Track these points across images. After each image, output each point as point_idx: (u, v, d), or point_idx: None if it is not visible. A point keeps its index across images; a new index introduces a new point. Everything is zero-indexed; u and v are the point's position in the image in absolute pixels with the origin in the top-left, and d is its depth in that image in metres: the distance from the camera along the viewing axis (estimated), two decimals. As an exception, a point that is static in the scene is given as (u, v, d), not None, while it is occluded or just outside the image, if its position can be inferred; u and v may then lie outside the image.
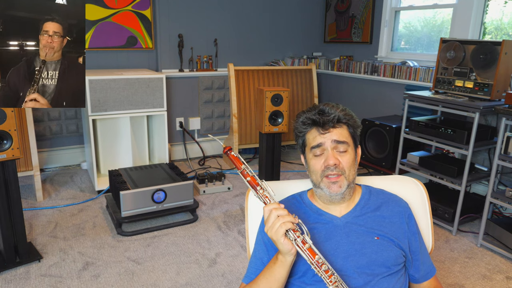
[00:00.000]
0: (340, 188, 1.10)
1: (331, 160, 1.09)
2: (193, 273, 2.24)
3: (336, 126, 1.11)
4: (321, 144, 1.10)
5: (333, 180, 1.09)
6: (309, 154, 1.14)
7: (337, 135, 1.10)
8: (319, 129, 1.11)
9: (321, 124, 1.11)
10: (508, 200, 2.40)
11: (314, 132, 1.12)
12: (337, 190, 1.10)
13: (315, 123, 1.12)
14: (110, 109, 3.10)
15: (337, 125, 1.11)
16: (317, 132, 1.11)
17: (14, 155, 2.11)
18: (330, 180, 1.10)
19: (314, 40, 4.69)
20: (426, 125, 2.85)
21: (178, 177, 2.85)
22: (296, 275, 1.10)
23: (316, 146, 1.11)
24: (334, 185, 1.10)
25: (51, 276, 2.17)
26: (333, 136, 1.10)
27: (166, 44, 3.89)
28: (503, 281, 2.22)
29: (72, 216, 2.86)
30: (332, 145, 1.10)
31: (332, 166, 1.09)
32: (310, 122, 1.13)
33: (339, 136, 1.10)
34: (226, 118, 4.33)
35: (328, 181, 1.10)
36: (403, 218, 1.15)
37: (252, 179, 1.02)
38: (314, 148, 1.12)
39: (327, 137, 1.10)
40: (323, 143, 1.10)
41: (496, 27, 3.13)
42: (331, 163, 1.09)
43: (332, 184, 1.10)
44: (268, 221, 0.98)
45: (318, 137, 1.11)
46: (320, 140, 1.11)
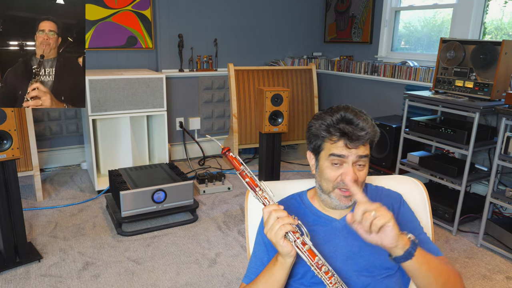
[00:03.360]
0: (350, 202, 1.08)
1: (350, 175, 1.03)
2: (193, 273, 2.24)
3: (365, 144, 1.05)
4: (344, 156, 1.03)
5: (347, 194, 1.06)
6: (325, 161, 1.06)
7: (363, 150, 1.04)
8: (346, 142, 1.03)
9: (352, 139, 1.02)
10: (508, 200, 2.40)
11: (341, 144, 1.04)
12: (347, 203, 1.08)
13: (344, 135, 1.03)
14: (110, 109, 3.10)
15: (366, 143, 1.05)
16: (343, 144, 1.03)
17: (14, 155, 2.11)
18: (343, 194, 1.07)
19: (314, 40, 4.69)
20: (426, 125, 2.85)
21: (178, 177, 2.85)
22: (295, 277, 1.10)
23: (337, 155, 1.04)
24: (345, 198, 1.08)
25: (51, 276, 2.17)
26: (359, 152, 1.04)
27: (166, 44, 3.89)
28: (503, 281, 2.22)
29: (72, 216, 2.86)
30: (354, 160, 1.04)
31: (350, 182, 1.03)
32: (339, 133, 1.03)
33: (364, 151, 1.05)
34: (226, 118, 4.33)
35: (340, 194, 1.07)
36: (395, 207, 1.15)
37: (251, 180, 1.01)
38: (333, 156, 1.04)
39: (353, 152, 1.03)
40: (347, 155, 1.03)
41: (496, 27, 3.13)
42: (350, 179, 1.02)
43: (344, 198, 1.07)
44: (268, 223, 0.97)
45: (343, 149, 1.03)
46: (345, 152, 1.03)
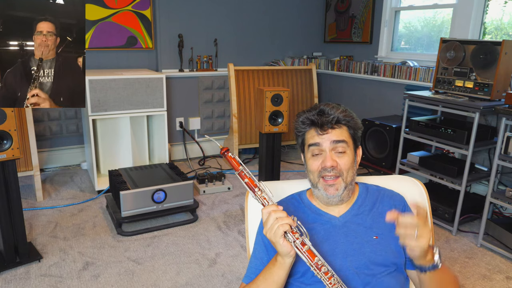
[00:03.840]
0: (337, 191, 1.10)
1: (328, 162, 1.08)
2: (193, 273, 2.24)
3: (335, 127, 1.10)
4: (318, 144, 1.10)
5: (330, 182, 1.09)
6: (307, 153, 1.13)
7: (336, 135, 1.10)
8: (317, 130, 1.10)
9: (319, 125, 1.10)
10: (508, 200, 2.40)
11: (313, 132, 1.12)
12: (334, 193, 1.10)
13: (313, 124, 1.11)
14: (110, 109, 3.10)
15: (336, 126, 1.10)
16: (315, 133, 1.11)
17: (14, 155, 2.11)
18: (326, 182, 1.10)
19: (314, 40, 4.69)
20: (426, 125, 2.85)
21: (178, 177, 2.85)
22: (295, 275, 1.10)
23: (313, 144, 1.11)
24: (331, 187, 1.10)
25: (51, 276, 2.17)
26: (332, 137, 1.09)
27: (166, 44, 3.89)
28: (503, 281, 2.22)
29: (72, 216, 2.86)
30: (330, 146, 1.09)
31: (329, 168, 1.08)
32: (309, 122, 1.12)
33: (338, 136, 1.10)
34: (226, 118, 4.33)
35: (324, 183, 1.10)
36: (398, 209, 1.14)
37: (250, 180, 1.02)
38: (311, 147, 1.11)
39: (325, 138, 1.09)
40: (321, 143, 1.10)
41: (496, 27, 3.13)
42: (328, 164, 1.08)
43: (328, 187, 1.10)
44: (267, 223, 0.97)
45: (316, 137, 1.11)
46: (318, 140, 1.10)
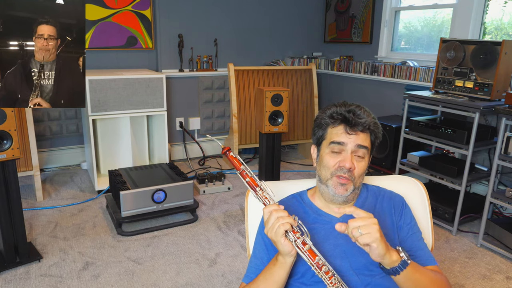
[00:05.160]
0: (346, 192, 1.09)
1: (348, 163, 1.07)
2: (193, 273, 2.24)
3: (364, 132, 1.09)
4: (343, 143, 1.08)
5: (343, 182, 1.09)
6: (326, 148, 1.11)
7: (362, 140, 1.09)
8: (347, 128, 1.09)
9: (351, 124, 1.08)
10: (508, 200, 2.40)
11: (341, 129, 1.09)
12: (343, 193, 1.09)
13: (345, 121, 1.09)
14: (110, 109, 3.10)
15: (366, 131, 1.10)
16: (343, 130, 1.09)
17: (14, 155, 2.11)
18: (339, 181, 1.09)
19: (314, 40, 4.69)
20: (426, 125, 2.85)
21: (178, 177, 2.85)
22: (295, 276, 1.10)
23: (337, 142, 1.09)
24: (341, 187, 1.09)
25: (51, 276, 2.17)
26: (358, 140, 1.08)
27: (166, 44, 3.89)
28: (503, 281, 2.22)
29: (72, 216, 2.86)
30: (353, 149, 1.08)
31: (346, 169, 1.08)
32: (340, 118, 1.09)
33: (363, 141, 1.09)
34: (226, 118, 4.33)
35: (337, 181, 1.09)
36: (397, 209, 1.15)
37: (252, 180, 1.02)
38: (333, 144, 1.09)
39: (352, 138, 1.08)
40: (346, 143, 1.08)
41: (496, 27, 3.13)
42: (347, 165, 1.07)
43: (339, 186, 1.09)
44: (268, 222, 0.98)
45: (343, 135, 1.09)
46: (344, 139, 1.08)
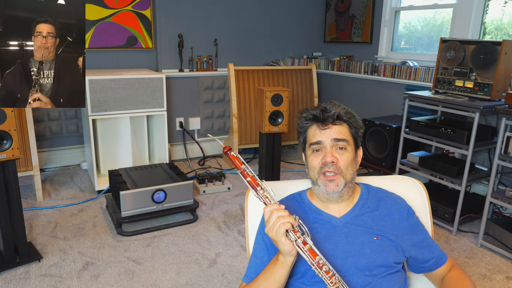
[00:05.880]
0: (337, 187, 1.10)
1: (328, 157, 1.09)
2: (193, 273, 2.24)
3: (336, 123, 1.12)
4: (320, 142, 1.11)
5: (330, 178, 1.10)
6: (308, 150, 1.15)
7: (337, 133, 1.11)
8: (319, 125, 1.12)
9: (321, 120, 1.12)
10: (508, 200, 2.40)
11: (315, 128, 1.13)
12: (334, 189, 1.10)
13: (315, 119, 1.13)
14: (110, 109, 3.10)
15: (337, 122, 1.12)
16: (317, 128, 1.13)
17: (14, 155, 2.11)
18: (327, 178, 1.10)
19: (314, 40, 4.69)
20: (426, 125, 2.85)
21: (178, 177, 2.85)
22: (295, 276, 1.10)
23: (315, 142, 1.12)
24: (330, 183, 1.10)
25: (51, 276, 2.17)
26: (333, 134, 1.11)
27: (166, 44, 3.89)
28: (503, 281, 2.22)
29: (72, 216, 2.86)
30: (331, 143, 1.11)
31: (329, 163, 1.09)
32: (311, 117, 1.15)
33: (339, 134, 1.11)
34: (226, 118, 4.33)
35: (325, 178, 1.10)
36: (402, 215, 1.15)
37: (252, 179, 1.02)
38: (313, 145, 1.13)
39: (326, 133, 1.11)
40: (322, 141, 1.11)
41: (496, 27, 3.13)
42: (328, 160, 1.09)
43: (328, 183, 1.10)
44: (269, 222, 0.98)
45: (318, 133, 1.12)
46: (320, 137, 1.11)
